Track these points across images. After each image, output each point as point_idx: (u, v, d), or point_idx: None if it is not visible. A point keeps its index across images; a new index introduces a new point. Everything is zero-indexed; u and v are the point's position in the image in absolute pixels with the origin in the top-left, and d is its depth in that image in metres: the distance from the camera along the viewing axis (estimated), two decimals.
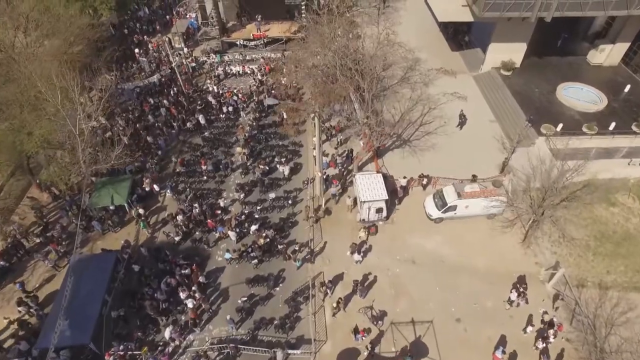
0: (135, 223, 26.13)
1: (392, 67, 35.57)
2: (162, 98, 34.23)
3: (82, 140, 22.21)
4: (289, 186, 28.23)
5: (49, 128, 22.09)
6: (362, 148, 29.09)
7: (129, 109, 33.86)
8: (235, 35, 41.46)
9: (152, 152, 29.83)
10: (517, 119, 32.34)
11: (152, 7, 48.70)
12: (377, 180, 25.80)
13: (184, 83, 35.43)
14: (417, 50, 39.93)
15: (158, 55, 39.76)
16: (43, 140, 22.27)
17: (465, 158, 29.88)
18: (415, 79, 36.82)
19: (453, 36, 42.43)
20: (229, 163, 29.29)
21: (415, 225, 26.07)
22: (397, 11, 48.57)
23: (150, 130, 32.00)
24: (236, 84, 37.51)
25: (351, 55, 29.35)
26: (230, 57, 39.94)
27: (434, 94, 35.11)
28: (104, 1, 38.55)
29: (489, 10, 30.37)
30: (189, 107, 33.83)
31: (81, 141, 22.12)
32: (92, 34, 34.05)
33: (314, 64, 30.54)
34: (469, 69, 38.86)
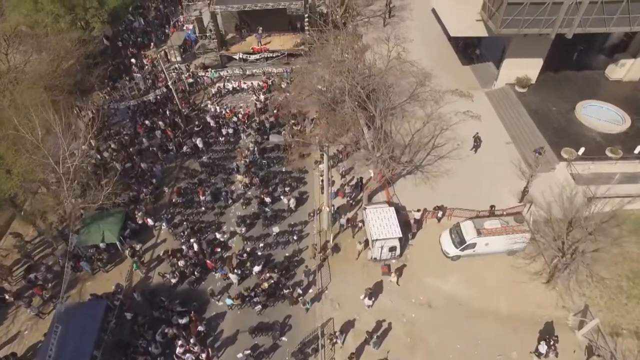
0: (129, 256, 24.17)
1: (400, 82, 33.82)
2: (157, 119, 32.18)
3: (67, 179, 20.19)
4: (294, 218, 26.28)
5: (28, 167, 20.04)
6: (372, 178, 27.15)
7: (122, 130, 31.80)
8: (235, 49, 39.42)
9: (146, 181, 27.78)
10: (535, 141, 30.42)
11: (148, 17, 46.58)
12: (389, 215, 23.86)
13: (181, 102, 33.40)
14: (425, 63, 38.12)
15: (154, 71, 37.68)
16: (23, 180, 20.24)
17: (481, 185, 28.03)
18: (425, 95, 34.81)
19: (463, 49, 40.46)
20: (229, 192, 27.31)
21: (431, 263, 24.15)
22: (403, 21, 46.59)
23: (144, 155, 30.02)
24: (236, 101, 35.52)
25: (360, 76, 27.49)
26: (229, 72, 37.86)
27: (446, 112, 33.14)
28: (96, 14, 36.41)
29: (507, 27, 28.43)
30: (185, 128, 31.82)
31: (66, 179, 20.09)
32: (83, 50, 31.96)
33: (321, 88, 28.54)
34: (481, 85, 36.91)
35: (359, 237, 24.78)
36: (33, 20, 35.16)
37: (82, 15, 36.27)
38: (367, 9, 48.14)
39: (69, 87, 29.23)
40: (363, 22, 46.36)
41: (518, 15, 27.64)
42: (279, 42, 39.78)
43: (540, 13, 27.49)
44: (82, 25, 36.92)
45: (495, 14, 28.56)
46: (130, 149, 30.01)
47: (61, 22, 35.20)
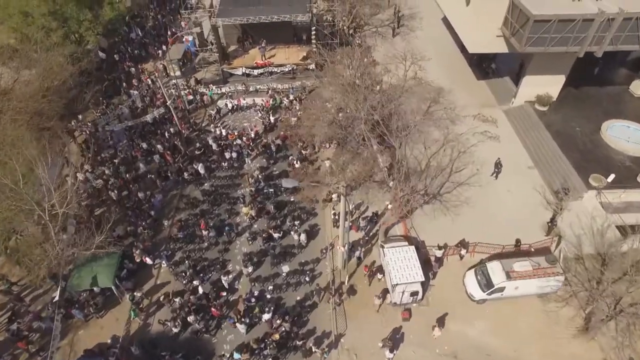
0: (130, 300, 22.15)
1: (412, 99, 31.87)
2: (156, 141, 30.06)
3: (55, 225, 18.11)
4: (305, 255, 24.27)
5: (7, 214, 17.95)
6: (390, 212, 25.15)
7: (118, 154, 29.68)
8: (237, 62, 37.30)
9: (143, 213, 25.70)
10: (559, 165, 28.51)
11: (145, 27, 44.35)
12: (410, 256, 21.89)
13: (180, 122, 31.30)
14: (438, 77, 36.13)
15: (151, 88, 35.52)
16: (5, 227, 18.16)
17: (504, 215, 26.14)
18: (440, 114, 32.85)
19: (477, 62, 38.45)
20: (233, 226, 25.28)
21: (455, 307, 22.19)
22: (413, 31, 44.57)
23: (141, 182, 27.95)
24: (239, 121, 33.42)
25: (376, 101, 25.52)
26: (232, 88, 35.74)
27: (462, 133, 31.12)
28: (90, 27, 34.25)
29: (532, 45, 26.43)
30: (186, 152, 29.73)
31: (54, 226, 18.02)
32: (77, 68, 29.81)
33: (334, 119, 26.51)
34: (498, 102, 34.93)
35: (375, 288, 22.60)
36: (23, 35, 33.05)
37: (76, 28, 34.12)
38: (374, 18, 46.05)
39: (60, 110, 27.02)
40: (371, 32, 44.33)
41: (544, 33, 25.67)
42: (284, 56, 37.67)
43: (568, 31, 25.53)
44: (76, 38, 34.73)
45: (519, 31, 26.55)
46: (126, 175, 27.88)
47: (53, 36, 33.05)
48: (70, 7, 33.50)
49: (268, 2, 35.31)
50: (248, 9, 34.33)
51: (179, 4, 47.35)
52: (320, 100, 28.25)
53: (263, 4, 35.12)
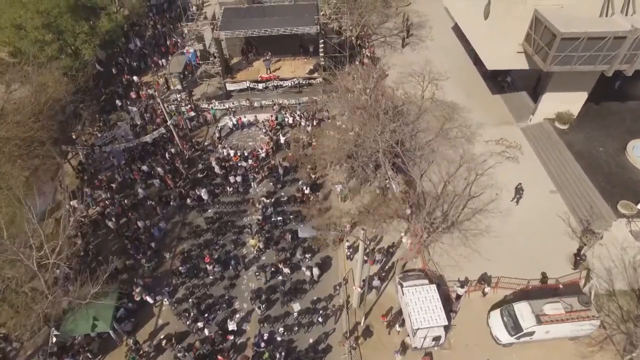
0: (123, 345, 20.54)
1: (425, 115, 30.27)
2: (156, 163, 28.37)
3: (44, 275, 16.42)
4: (318, 291, 22.65)
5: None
6: (409, 248, 23.54)
7: (116, 177, 27.99)
8: (241, 76, 35.61)
9: (143, 245, 24.03)
10: (584, 190, 26.93)
11: (145, 37, 42.59)
12: (431, 296, 20.29)
13: (182, 142, 29.64)
14: (451, 92, 34.58)
15: (151, 104, 33.80)
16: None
17: (527, 245, 24.58)
18: (455, 132, 31.25)
19: (492, 76, 36.75)
20: (240, 259, 23.64)
21: (479, 351, 20.61)
22: (423, 41, 42.92)
23: (140, 207, 26.31)
24: (243, 139, 31.72)
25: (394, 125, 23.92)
26: (235, 103, 34.05)
27: (479, 153, 29.43)
28: (87, 40, 32.48)
29: (558, 64, 24.79)
30: (188, 175, 28.04)
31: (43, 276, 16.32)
32: (71, 87, 28.08)
33: (350, 153, 24.88)
34: (515, 119, 33.31)
35: (393, 341, 20.85)
36: (16, 49, 31.31)
37: (72, 41, 32.32)
38: (382, 27, 44.34)
39: (53, 134, 25.28)
40: (379, 42, 42.66)
41: (572, 51, 24.03)
42: (290, 69, 36.00)
43: (598, 49, 23.90)
44: (72, 51, 32.96)
45: (543, 48, 24.91)
46: (124, 201, 26.22)
47: (47, 50, 31.31)
48: (66, 19, 31.74)
49: (273, 13, 33.68)
50: (252, 21, 32.66)
51: (179, 12, 45.79)
52: (334, 129, 26.59)
53: (268, 15, 33.48)
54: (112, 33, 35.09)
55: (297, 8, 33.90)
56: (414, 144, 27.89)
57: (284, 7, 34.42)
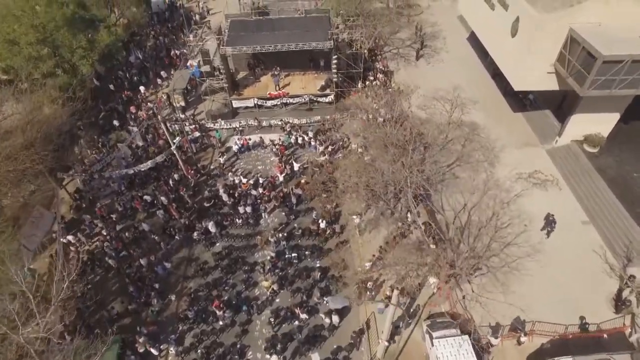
0: None
1: (441, 134, 28.41)
2: (159, 191, 26.40)
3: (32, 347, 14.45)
4: (337, 338, 20.71)
5: None
6: (438, 293, 21.64)
7: (117, 207, 26.01)
8: (248, 92, 33.62)
9: (147, 285, 22.08)
10: (620, 221, 25.06)
11: (145, 47, 40.55)
12: (465, 350, 18.50)
13: (186, 167, 27.67)
14: (470, 110, 32.63)
15: (153, 122, 31.80)
16: None
17: (562, 284, 22.71)
18: (478, 155, 29.39)
19: (512, 92, 34.77)
20: (252, 302, 21.71)
21: None
22: (437, 53, 40.95)
23: (143, 241, 24.35)
24: (252, 162, 29.73)
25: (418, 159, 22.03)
26: (243, 122, 32.07)
27: (503, 178, 27.56)
28: (84, 55, 30.44)
29: (596, 88, 22.91)
30: (194, 204, 26.07)
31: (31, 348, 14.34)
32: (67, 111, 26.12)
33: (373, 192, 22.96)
34: (539, 140, 31.39)
35: None
36: (8, 66, 29.31)
37: (68, 57, 30.28)
38: (394, 38, 42.44)
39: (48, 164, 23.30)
40: (392, 54, 40.71)
41: (613, 75, 22.15)
42: (300, 85, 34.04)
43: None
44: (70, 66, 30.92)
45: (580, 71, 23.01)
46: (125, 233, 24.27)
47: (43, 67, 29.32)
48: (62, 33, 29.69)
49: (283, 26, 31.68)
50: (261, 35, 30.69)
51: (181, 21, 43.81)
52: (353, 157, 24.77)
53: (277, 28, 31.50)
54: (111, 47, 33.05)
55: (309, 21, 31.92)
56: (434, 168, 26.09)
57: (294, 19, 32.43)
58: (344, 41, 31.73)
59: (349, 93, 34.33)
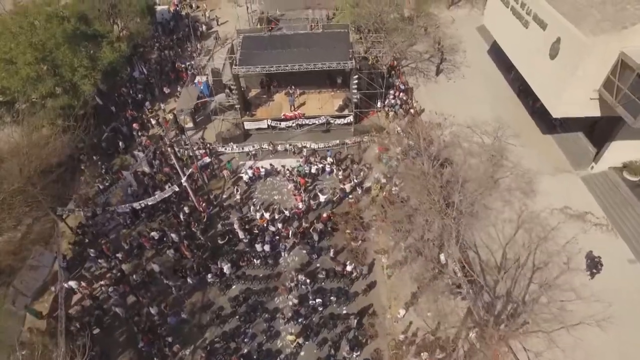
0: None
1: (468, 159, 26.59)
2: (169, 227, 24.31)
3: None
4: None
5: None
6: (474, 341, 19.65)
7: (124, 244, 23.92)
8: (261, 113, 31.53)
9: (159, 336, 20.03)
10: None
11: (150, 61, 38.40)
12: None
13: (197, 198, 25.61)
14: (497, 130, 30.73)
15: (160, 146, 29.74)
16: None
17: (619, 338, 20.62)
18: (509, 183, 27.43)
19: (541, 111, 32.75)
20: (275, 356, 19.70)
21: None
22: (457, 67, 38.90)
23: (152, 284, 22.30)
24: (267, 192, 27.63)
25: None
26: (256, 146, 29.99)
27: (538, 210, 25.53)
28: (86, 74, 28.30)
29: None
30: (207, 242, 24.01)
31: None
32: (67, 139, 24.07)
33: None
34: (573, 165, 29.42)
35: None
36: (4, 87, 27.18)
37: (69, 77, 28.13)
38: (412, 50, 40.40)
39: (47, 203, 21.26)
40: (410, 69, 38.67)
41: None
42: (317, 104, 31.96)
43: None
44: (70, 86, 28.77)
45: (634, 100, 21.02)
46: (132, 276, 22.21)
47: (41, 88, 27.20)
48: (63, 51, 27.55)
49: (299, 43, 29.59)
50: (276, 54, 28.61)
51: (187, 32, 41.70)
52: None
53: (293, 45, 29.41)
54: (115, 64, 30.91)
55: (327, 37, 29.84)
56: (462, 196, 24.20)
57: (311, 35, 30.43)
58: (365, 59, 29.59)
59: (367, 112, 32.33)
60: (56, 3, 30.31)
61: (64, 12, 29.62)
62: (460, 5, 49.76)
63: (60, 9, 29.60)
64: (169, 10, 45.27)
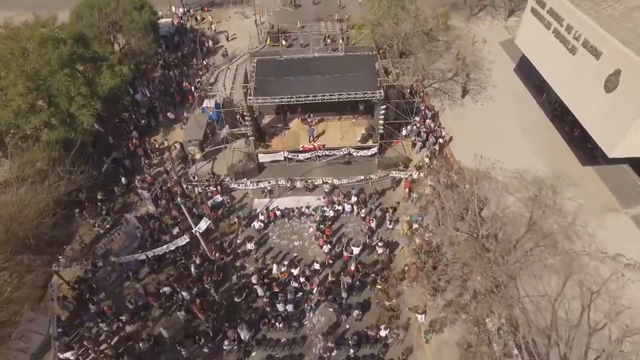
0: None
1: (504, 196, 24.18)
2: (180, 286, 21.55)
3: None
4: None
5: None
6: None
7: (128, 304, 21.19)
8: (277, 144, 28.83)
9: None
10: None
11: (153, 81, 35.63)
12: None
13: (209, 247, 22.92)
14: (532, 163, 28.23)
15: (165, 179, 27.09)
16: None
17: None
18: (550, 224, 24.73)
19: (579, 138, 30.11)
20: None
21: None
22: (484, 88, 36.27)
23: (162, 354, 19.62)
24: (287, 236, 24.90)
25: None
26: (272, 182, 27.29)
27: (586, 257, 22.94)
28: (85, 104, 25.58)
29: None
30: (222, 301, 21.32)
31: None
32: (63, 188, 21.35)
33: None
34: (621, 203, 26.84)
35: None
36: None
37: (66, 107, 25.39)
38: (433, 68, 37.65)
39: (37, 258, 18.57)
40: (433, 89, 35.95)
41: None
42: (337, 133, 29.27)
43: None
44: (67, 116, 26.02)
45: None
46: (139, 343, 19.52)
47: (34, 121, 24.47)
48: (58, 79, 24.81)
49: (319, 68, 26.85)
50: (295, 82, 25.88)
51: (192, 48, 38.95)
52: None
53: (313, 70, 26.70)
54: (116, 90, 28.16)
55: (351, 62, 27.05)
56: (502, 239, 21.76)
57: (333, 60, 27.75)
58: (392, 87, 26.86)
59: (391, 141, 29.73)
60: (51, 23, 27.50)
61: (59, 33, 26.81)
62: (480, 17, 47.16)
63: (56, 30, 26.76)
64: (172, 23, 42.47)
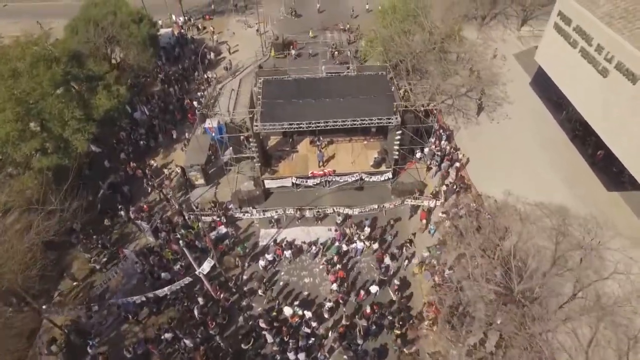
0: None
1: (526, 224, 22.72)
2: (182, 332, 19.86)
3: None
4: None
5: None
6: None
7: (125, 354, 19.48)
8: (284, 169, 27.15)
9: None
10: None
11: (153, 96, 33.90)
12: None
13: (214, 287, 21.24)
14: (553, 188, 26.74)
15: (168, 208, 25.43)
16: None
17: None
18: (576, 257, 23.10)
19: (603, 162, 28.45)
20: None
21: None
22: (499, 104, 34.57)
23: None
24: (297, 273, 23.19)
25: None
26: (280, 211, 25.59)
27: (614, 293, 21.25)
28: (79, 128, 23.87)
29: None
30: (228, 348, 19.64)
31: None
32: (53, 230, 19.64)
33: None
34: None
35: None
36: None
37: (59, 132, 23.67)
38: (446, 84, 35.94)
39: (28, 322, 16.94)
40: (446, 106, 34.25)
41: None
42: (348, 157, 27.60)
43: None
44: (61, 144, 24.28)
45: None
46: None
47: (25, 149, 22.75)
48: (51, 102, 23.10)
49: (330, 91, 25.03)
50: (305, 106, 24.09)
51: (193, 60, 37.24)
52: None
53: (324, 93, 24.91)
54: (113, 112, 26.45)
55: (364, 83, 25.40)
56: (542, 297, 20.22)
57: (345, 80, 26.04)
58: (409, 112, 25.11)
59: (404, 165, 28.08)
60: (44, 41, 25.76)
61: (53, 51, 25.09)
62: (491, 26, 45.48)
63: (49, 48, 25.03)
64: (172, 33, 40.72)
